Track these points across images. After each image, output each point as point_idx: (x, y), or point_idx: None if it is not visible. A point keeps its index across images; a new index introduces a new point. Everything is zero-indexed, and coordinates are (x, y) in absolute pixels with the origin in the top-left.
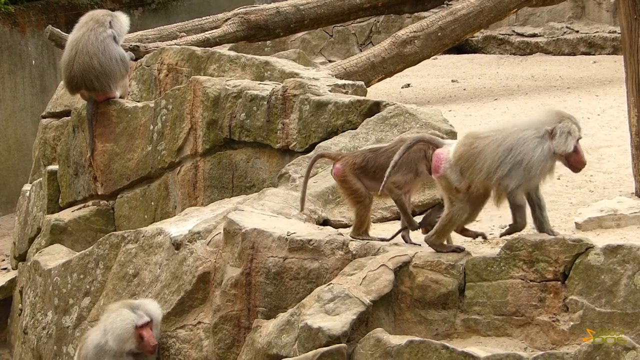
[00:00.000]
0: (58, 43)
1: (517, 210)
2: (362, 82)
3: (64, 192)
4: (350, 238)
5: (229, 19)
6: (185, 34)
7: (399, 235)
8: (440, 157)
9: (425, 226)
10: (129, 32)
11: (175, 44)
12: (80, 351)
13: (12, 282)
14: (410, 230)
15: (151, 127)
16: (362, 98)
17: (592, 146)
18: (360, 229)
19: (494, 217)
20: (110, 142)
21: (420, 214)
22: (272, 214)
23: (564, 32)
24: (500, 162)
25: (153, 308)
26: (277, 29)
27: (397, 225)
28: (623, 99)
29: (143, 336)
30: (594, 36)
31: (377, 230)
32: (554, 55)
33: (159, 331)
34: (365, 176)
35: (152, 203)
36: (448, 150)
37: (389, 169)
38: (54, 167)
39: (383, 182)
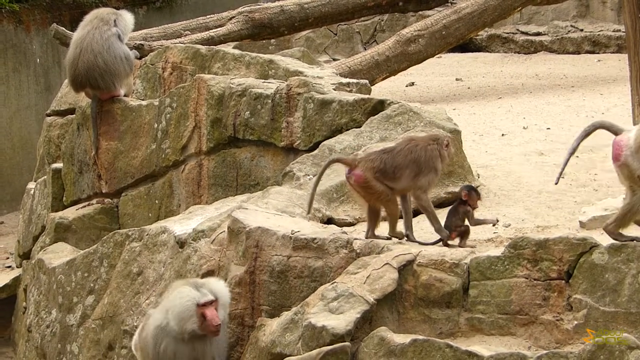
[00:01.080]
0: (63, 41)
1: None
2: (367, 81)
3: (68, 190)
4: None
5: (234, 17)
6: (189, 33)
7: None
8: (620, 145)
9: (452, 231)
10: (134, 30)
11: (180, 43)
12: (140, 332)
13: (17, 280)
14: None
15: (155, 125)
16: (366, 96)
17: (597, 145)
18: (397, 227)
19: (497, 216)
20: (114, 140)
21: (420, 213)
22: (276, 212)
23: (569, 31)
24: None
25: (219, 287)
26: (282, 27)
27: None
28: (627, 98)
29: (206, 315)
30: (599, 35)
31: (380, 229)
32: (558, 53)
33: (226, 313)
34: (385, 177)
35: (157, 201)
36: (628, 137)
37: None
38: (58, 165)
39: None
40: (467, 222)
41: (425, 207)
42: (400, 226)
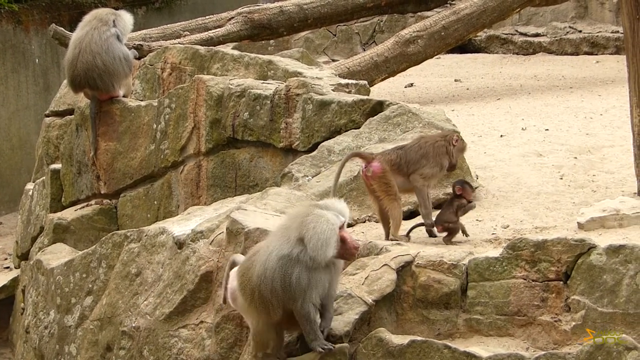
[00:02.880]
0: (62, 42)
1: None
2: (366, 82)
3: (66, 191)
4: (391, 239)
5: (233, 18)
6: (188, 33)
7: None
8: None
9: (441, 224)
10: (133, 30)
11: (179, 43)
12: (244, 273)
13: (15, 281)
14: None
15: (154, 126)
16: (365, 97)
17: (595, 146)
18: (399, 229)
19: (496, 217)
20: (113, 141)
21: (418, 214)
22: (275, 213)
23: (567, 32)
24: None
25: (342, 207)
26: (281, 28)
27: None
28: (625, 99)
29: (345, 239)
30: (597, 36)
31: (377, 231)
32: (557, 55)
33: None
34: (399, 172)
35: (155, 202)
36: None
37: None
38: (57, 165)
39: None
40: (460, 219)
41: (420, 189)
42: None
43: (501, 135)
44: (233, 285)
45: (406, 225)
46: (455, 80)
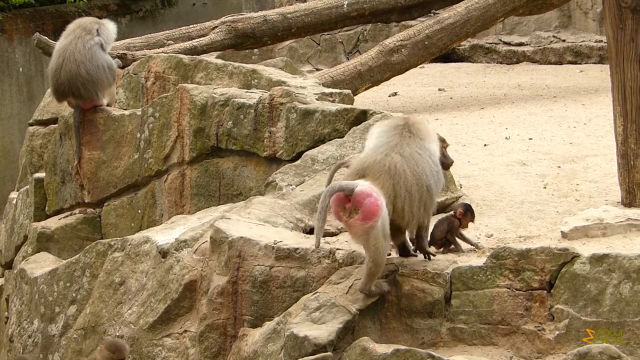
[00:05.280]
0: (45, 50)
1: None
2: (349, 91)
3: (50, 199)
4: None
5: (217, 27)
6: (172, 42)
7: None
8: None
9: (433, 242)
10: (117, 40)
11: (163, 52)
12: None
13: None
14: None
15: (138, 135)
16: (349, 107)
17: (579, 155)
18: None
19: (479, 226)
20: (97, 150)
21: None
22: (258, 222)
23: (551, 41)
24: None
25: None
26: (265, 37)
27: None
28: (609, 108)
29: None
30: (581, 45)
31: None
32: (541, 64)
33: None
34: None
35: (139, 211)
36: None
37: None
38: (40, 174)
39: None
40: (447, 235)
41: None
42: None
43: (485, 145)
44: (371, 194)
45: None
46: (439, 90)
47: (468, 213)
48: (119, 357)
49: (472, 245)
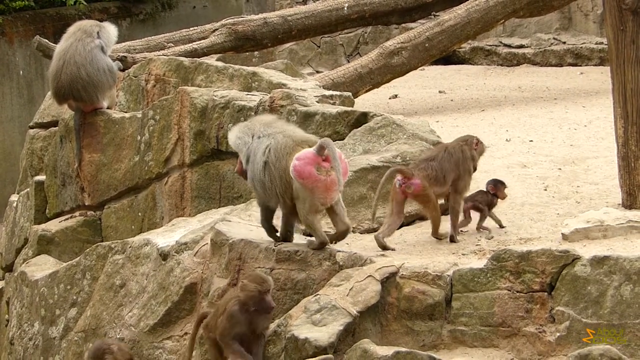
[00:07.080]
0: (46, 53)
1: None
2: (350, 93)
3: (51, 202)
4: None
5: (217, 29)
6: (172, 45)
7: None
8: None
9: (472, 201)
10: (117, 42)
11: (163, 55)
12: None
13: None
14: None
15: (138, 137)
16: (349, 109)
17: (579, 157)
18: (439, 230)
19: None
20: (97, 153)
21: (408, 224)
22: (259, 224)
23: (551, 44)
24: None
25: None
26: (265, 39)
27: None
28: (609, 110)
29: None
30: (581, 47)
31: (362, 242)
32: (541, 66)
33: None
34: (437, 183)
35: (139, 214)
36: None
37: None
38: (41, 177)
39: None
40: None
41: (457, 210)
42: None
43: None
44: None
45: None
46: (440, 92)
47: (498, 184)
48: (266, 288)
49: (488, 230)
